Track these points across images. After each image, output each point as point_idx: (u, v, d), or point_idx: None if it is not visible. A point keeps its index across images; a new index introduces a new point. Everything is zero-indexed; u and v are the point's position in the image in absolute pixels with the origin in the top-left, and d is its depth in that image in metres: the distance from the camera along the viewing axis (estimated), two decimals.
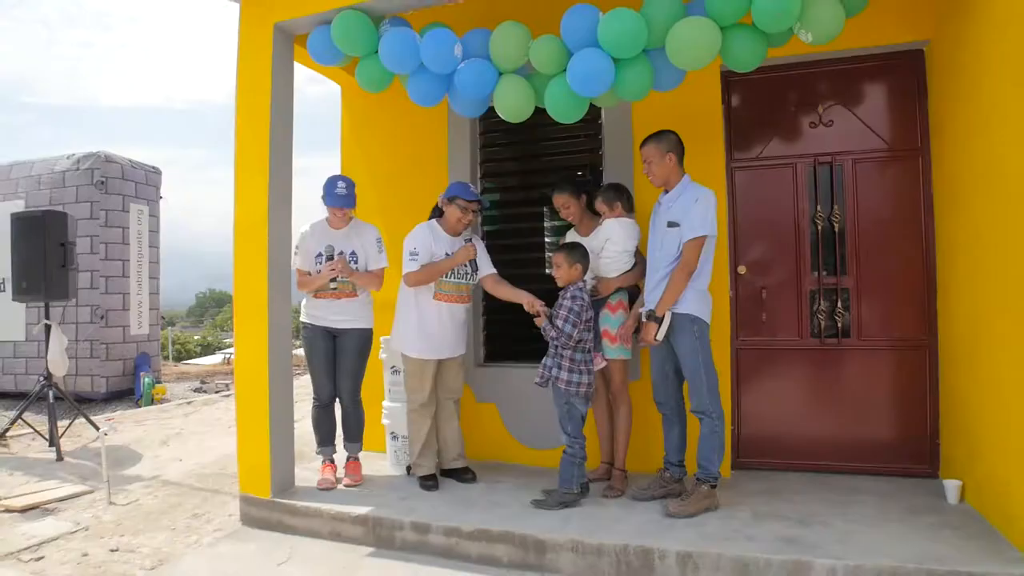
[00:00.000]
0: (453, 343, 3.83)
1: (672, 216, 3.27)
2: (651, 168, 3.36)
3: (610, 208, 3.68)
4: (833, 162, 3.92)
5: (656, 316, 3.23)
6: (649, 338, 3.25)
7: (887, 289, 3.83)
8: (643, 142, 3.39)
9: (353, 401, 3.99)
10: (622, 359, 3.63)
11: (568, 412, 3.42)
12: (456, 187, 3.77)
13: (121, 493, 4.41)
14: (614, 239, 3.61)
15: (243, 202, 3.68)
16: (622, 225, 3.63)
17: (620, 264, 3.63)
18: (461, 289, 3.81)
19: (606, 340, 3.60)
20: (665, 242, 3.29)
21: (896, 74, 3.86)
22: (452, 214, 3.74)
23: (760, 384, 4.02)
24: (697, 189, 3.27)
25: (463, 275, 3.80)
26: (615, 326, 3.60)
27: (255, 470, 3.64)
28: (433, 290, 3.73)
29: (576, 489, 3.41)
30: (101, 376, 8.09)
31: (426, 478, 3.79)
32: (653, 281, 3.34)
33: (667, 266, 3.27)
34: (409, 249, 3.67)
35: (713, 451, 3.22)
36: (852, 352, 3.88)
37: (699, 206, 3.18)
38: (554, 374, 3.39)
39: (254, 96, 3.67)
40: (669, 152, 3.30)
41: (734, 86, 4.09)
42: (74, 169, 8.27)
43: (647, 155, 3.36)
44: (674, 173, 3.33)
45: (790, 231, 3.98)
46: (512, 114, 3.31)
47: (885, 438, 3.82)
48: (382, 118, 4.68)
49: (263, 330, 3.61)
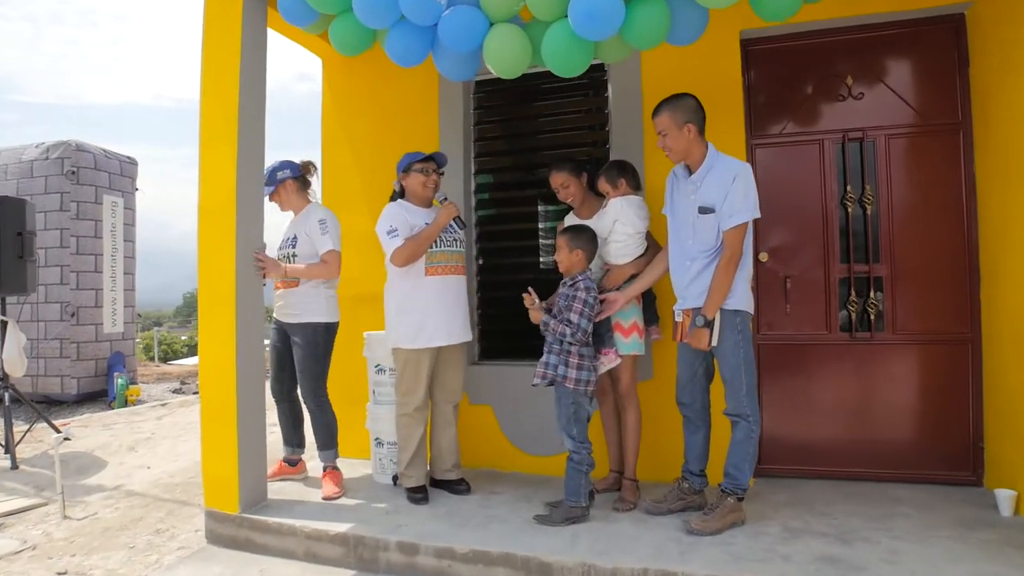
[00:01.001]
0: (455, 324, 3.41)
1: (705, 200, 2.86)
2: (666, 142, 2.93)
3: (613, 187, 3.29)
4: (864, 138, 3.56)
5: (709, 321, 2.82)
6: (703, 345, 2.85)
7: (925, 277, 3.47)
8: (655, 110, 2.96)
9: (316, 403, 3.62)
10: (634, 355, 3.24)
11: (575, 414, 3.04)
12: (403, 159, 3.47)
13: (78, 505, 3.99)
14: (623, 219, 3.22)
15: (208, 179, 3.27)
16: (630, 203, 3.24)
17: (632, 248, 3.25)
18: (454, 258, 3.43)
19: (618, 334, 3.20)
20: (698, 229, 2.89)
21: (933, 41, 3.49)
22: (415, 183, 3.41)
23: (784, 383, 3.65)
24: (730, 163, 2.86)
25: (453, 240, 3.43)
26: (628, 319, 3.21)
27: (221, 482, 3.23)
28: (423, 265, 3.34)
29: (584, 502, 3.03)
30: (71, 377, 7.64)
31: (415, 490, 3.39)
32: (690, 274, 2.93)
33: (705, 256, 2.87)
34: (385, 229, 3.29)
35: (745, 459, 2.85)
36: (886, 347, 3.52)
37: (738, 186, 2.78)
38: (560, 372, 3.00)
39: (221, 56, 3.26)
40: (687, 123, 2.87)
41: (754, 56, 3.72)
42: (43, 158, 7.81)
43: (661, 126, 2.93)
44: (695, 146, 2.91)
45: (817, 214, 3.61)
46: (505, 67, 2.87)
47: (922, 442, 3.46)
48: (366, 94, 4.29)
49: (230, 324, 3.20)
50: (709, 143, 2.93)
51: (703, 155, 2.91)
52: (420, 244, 3.28)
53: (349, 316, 4.20)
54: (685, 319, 2.95)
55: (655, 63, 3.69)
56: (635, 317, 3.22)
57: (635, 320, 3.22)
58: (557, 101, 4.08)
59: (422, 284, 3.33)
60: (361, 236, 3.90)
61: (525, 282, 3.91)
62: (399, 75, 4.13)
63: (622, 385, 3.27)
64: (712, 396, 3.06)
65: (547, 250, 4.23)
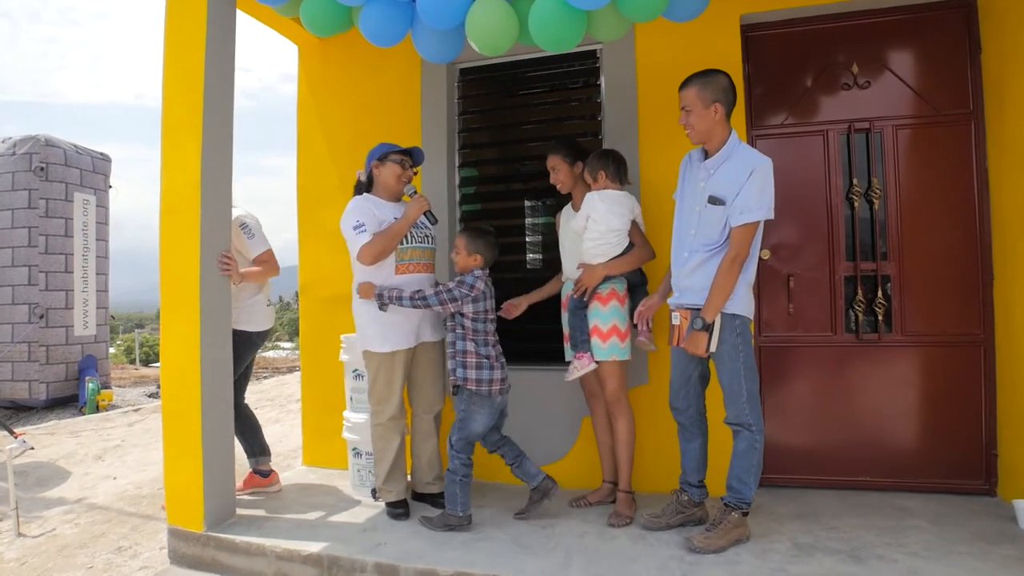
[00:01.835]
0: (427, 323, 3.19)
1: (716, 190, 2.63)
2: (689, 119, 2.68)
3: (593, 179, 3.07)
4: (870, 129, 3.37)
5: (707, 324, 2.60)
6: (700, 350, 2.63)
7: (935, 275, 3.29)
8: (684, 82, 2.71)
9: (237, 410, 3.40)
10: (616, 360, 3.03)
11: (462, 420, 2.98)
12: (380, 147, 3.22)
13: (35, 521, 3.73)
14: (595, 216, 2.98)
15: (170, 170, 3.02)
16: (604, 199, 2.99)
17: (605, 247, 3.01)
18: (426, 255, 3.20)
19: (596, 338, 3.00)
20: (704, 219, 2.67)
21: (943, 26, 3.31)
22: (389, 174, 3.16)
23: (786, 387, 3.46)
24: (749, 155, 2.62)
25: (424, 236, 3.20)
26: (607, 321, 3.00)
27: (185, 498, 2.98)
28: (394, 262, 3.10)
29: (461, 512, 2.92)
30: (40, 382, 7.34)
31: (394, 505, 3.15)
32: (688, 266, 2.72)
33: (707, 250, 2.66)
34: (351, 224, 3.05)
35: (749, 471, 2.64)
36: (894, 349, 3.33)
37: (754, 182, 2.55)
38: (460, 375, 2.96)
39: (184, 36, 3.02)
40: (716, 102, 2.63)
41: (754, 42, 3.52)
42: (9, 154, 7.50)
43: (686, 101, 2.68)
44: (719, 128, 2.66)
45: (821, 209, 3.41)
46: (490, 43, 2.65)
47: (932, 449, 3.28)
48: (344, 83, 4.05)
49: (194, 325, 2.95)
50: (732, 130, 2.70)
51: (723, 140, 2.67)
52: (390, 240, 3.04)
53: (325, 318, 3.97)
54: (683, 322, 2.73)
55: (650, 48, 3.49)
56: (615, 320, 3.01)
57: (615, 323, 3.01)
58: (546, 90, 3.87)
59: (394, 281, 3.09)
60: (337, 233, 3.64)
61: (511, 281, 3.71)
62: (378, 62, 3.91)
63: (608, 392, 3.06)
64: (709, 401, 2.86)
65: (534, 248, 4.02)
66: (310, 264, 4.07)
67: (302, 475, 3.89)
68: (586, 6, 2.42)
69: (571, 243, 3.20)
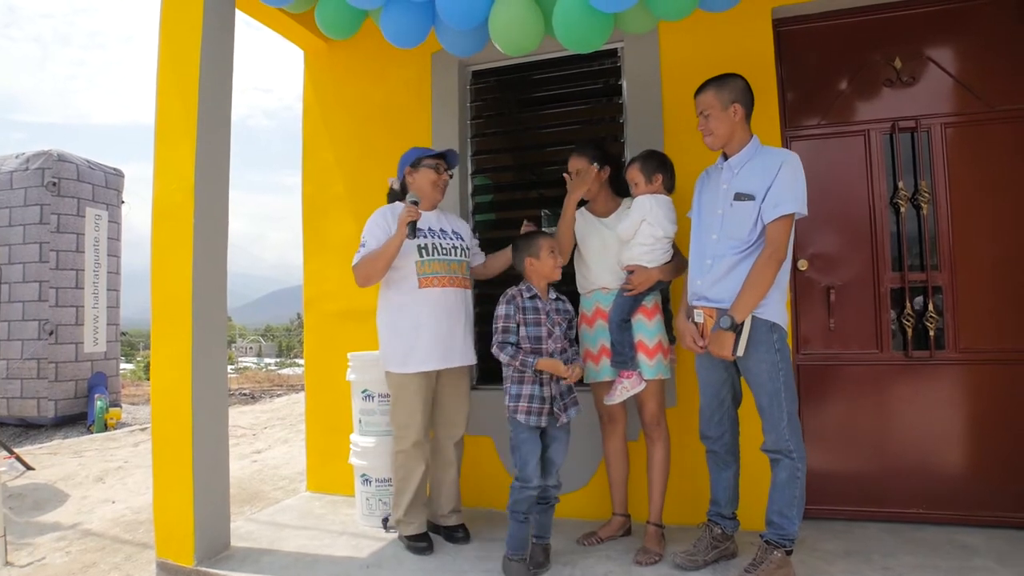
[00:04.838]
0: (456, 345, 2.90)
1: (743, 186, 2.43)
2: (708, 124, 2.51)
3: (648, 180, 2.78)
4: (917, 128, 3.11)
5: (737, 324, 2.37)
6: (726, 352, 2.38)
7: (992, 286, 3.00)
8: (700, 88, 2.56)
9: None
10: (661, 379, 2.77)
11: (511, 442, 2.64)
12: (412, 152, 3.00)
13: (25, 549, 3.53)
14: (652, 219, 2.71)
15: (163, 174, 2.84)
16: (659, 203, 2.74)
17: (659, 254, 2.75)
18: (453, 268, 2.91)
19: (642, 354, 2.74)
20: (728, 220, 2.45)
21: (995, 15, 3.05)
22: (424, 181, 2.93)
23: (827, 409, 3.17)
24: (775, 151, 2.47)
25: (452, 249, 2.92)
26: (652, 337, 2.74)
27: (175, 529, 2.76)
28: (416, 277, 2.84)
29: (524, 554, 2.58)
30: (49, 399, 7.21)
31: (416, 538, 2.87)
32: (712, 274, 2.48)
33: (736, 252, 2.42)
34: (362, 241, 2.87)
35: (792, 504, 2.36)
36: (947, 368, 3.04)
37: (786, 173, 2.35)
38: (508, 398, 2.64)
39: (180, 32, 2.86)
40: (734, 103, 2.46)
41: (788, 37, 3.28)
42: (23, 169, 7.45)
43: (703, 105, 2.52)
44: (739, 131, 2.49)
45: (864, 215, 3.15)
46: (514, 43, 2.47)
47: (993, 479, 2.97)
48: (351, 88, 3.87)
49: (185, 342, 2.75)
50: (754, 135, 2.52)
51: (745, 142, 2.50)
52: (375, 261, 2.78)
53: (331, 335, 3.76)
54: (707, 320, 2.48)
55: (675, 46, 3.27)
56: (660, 335, 2.76)
57: (660, 339, 2.75)
58: (564, 92, 3.64)
59: (415, 298, 2.85)
60: (345, 244, 3.47)
61: None
62: (388, 66, 3.73)
63: (647, 413, 2.78)
64: None
65: None
66: (315, 277, 3.86)
67: (306, 501, 3.66)
68: (611, 9, 2.22)
69: (602, 249, 2.90)
